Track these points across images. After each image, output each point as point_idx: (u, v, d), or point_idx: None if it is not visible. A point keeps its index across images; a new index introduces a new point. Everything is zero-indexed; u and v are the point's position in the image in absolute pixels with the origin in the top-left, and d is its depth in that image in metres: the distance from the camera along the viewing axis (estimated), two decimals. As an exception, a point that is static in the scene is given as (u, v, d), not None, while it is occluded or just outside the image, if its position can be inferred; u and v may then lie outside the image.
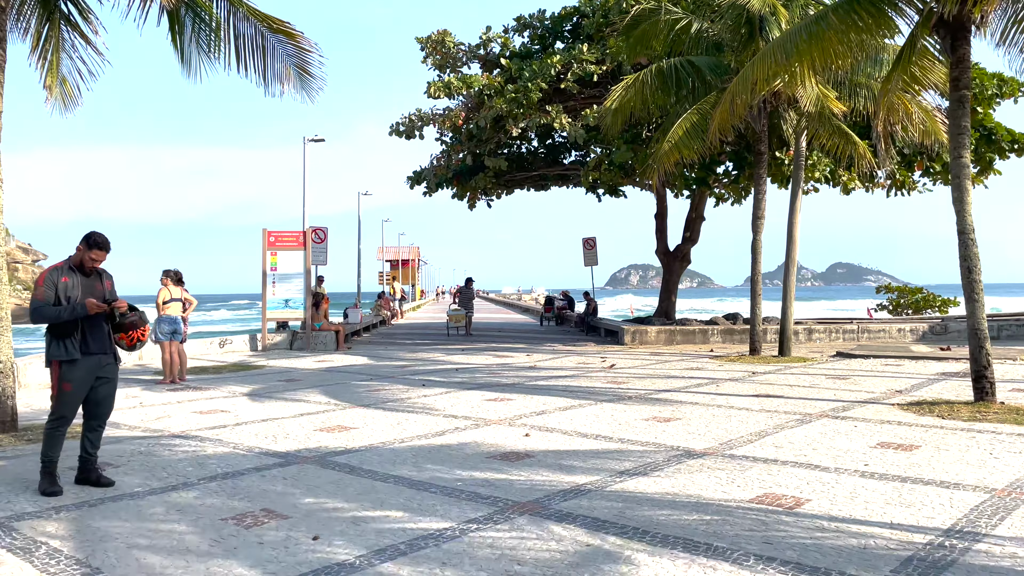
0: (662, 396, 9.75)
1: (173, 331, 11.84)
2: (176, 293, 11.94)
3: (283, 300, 17.58)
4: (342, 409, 9.06)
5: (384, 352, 17.27)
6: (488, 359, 15.30)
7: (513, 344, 19.28)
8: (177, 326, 11.87)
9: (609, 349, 17.38)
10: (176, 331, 11.88)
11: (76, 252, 5.61)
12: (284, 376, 12.73)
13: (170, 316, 11.81)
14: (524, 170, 23.28)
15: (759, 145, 14.65)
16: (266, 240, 17.57)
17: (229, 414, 8.83)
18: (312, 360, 15.41)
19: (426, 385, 11.19)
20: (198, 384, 11.72)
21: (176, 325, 11.86)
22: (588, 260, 27.67)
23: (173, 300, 11.88)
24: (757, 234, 14.70)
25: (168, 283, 11.95)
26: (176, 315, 11.90)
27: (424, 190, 22.80)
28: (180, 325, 11.92)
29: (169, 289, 11.87)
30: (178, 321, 11.89)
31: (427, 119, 19.46)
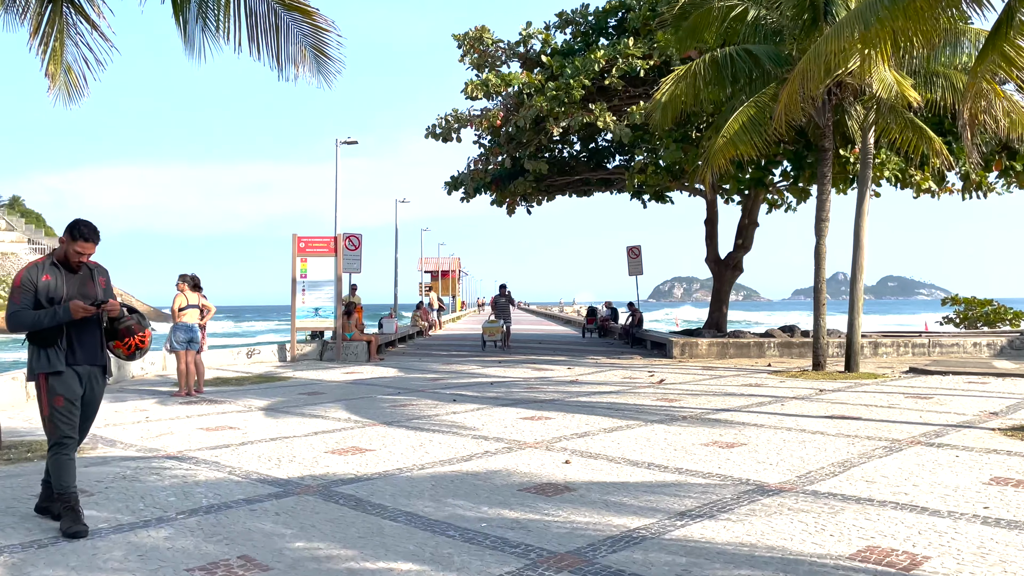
0: (721, 416, 8.62)
1: (189, 340, 11.10)
2: (193, 299, 11.21)
3: (313, 309, 16.85)
4: (361, 427, 8.14)
5: (417, 364, 16.39)
6: (526, 372, 14.29)
7: (553, 356, 18.24)
8: (194, 334, 11.13)
9: (657, 363, 16.22)
10: (193, 340, 11.14)
11: (59, 245, 4.76)
12: (307, 389, 11.90)
13: (186, 324, 11.08)
14: (566, 174, 22.27)
15: (823, 141, 13.42)
16: (296, 246, 16.87)
17: (237, 431, 7.98)
18: (340, 372, 14.59)
19: (457, 400, 10.22)
20: (214, 397, 10.94)
21: (193, 333, 11.13)
22: (633, 269, 26.54)
23: (190, 307, 11.15)
24: (821, 238, 13.45)
25: (184, 288, 11.23)
26: (193, 323, 11.16)
27: (461, 196, 21.94)
28: (197, 333, 11.18)
29: (186, 295, 11.15)
30: (195, 329, 11.15)
31: (464, 120, 18.62)
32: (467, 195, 21.66)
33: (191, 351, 11.16)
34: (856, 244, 13.48)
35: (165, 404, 10.19)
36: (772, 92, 12.70)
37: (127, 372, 13.49)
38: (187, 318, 11.10)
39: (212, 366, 15.60)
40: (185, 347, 11.09)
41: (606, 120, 16.61)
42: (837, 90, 13.14)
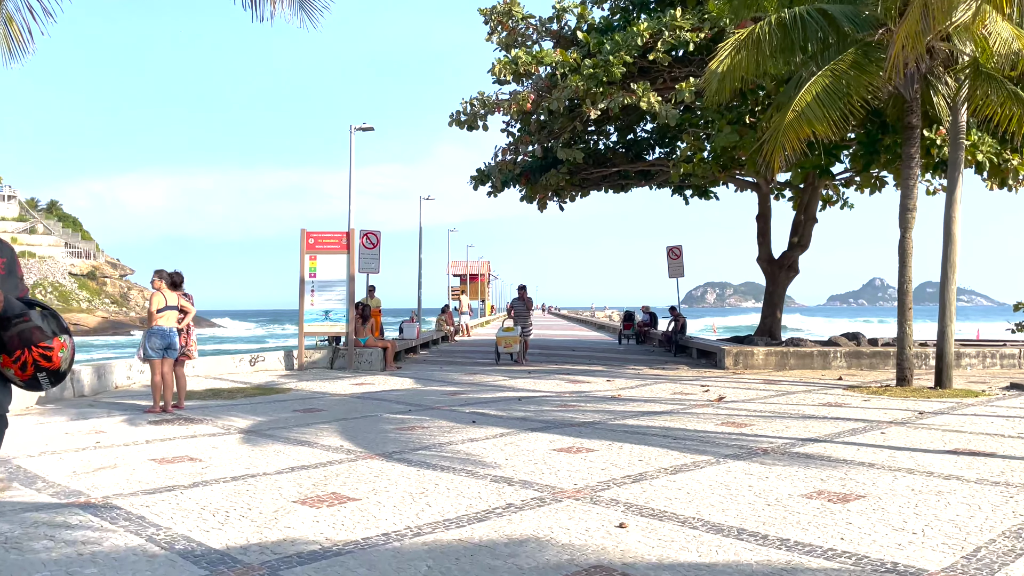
0: (811, 450, 6.74)
1: (167, 346, 9.50)
2: (172, 299, 9.61)
3: (323, 311, 15.22)
4: (352, 460, 6.41)
5: (437, 373, 14.66)
6: (559, 385, 12.48)
7: (589, 366, 16.39)
8: (171, 340, 9.52)
9: (707, 374, 14.30)
10: (171, 346, 9.53)
11: None
12: (305, 404, 10.23)
13: (162, 328, 9.48)
14: (601, 166, 20.45)
15: (909, 117, 11.44)
16: (304, 242, 15.27)
17: (197, 464, 6.31)
18: (349, 383, 12.92)
19: (477, 422, 8.45)
20: (194, 414, 9.31)
21: (170, 339, 9.51)
22: (673, 271, 24.66)
23: (168, 308, 9.55)
24: (907, 231, 11.46)
25: (162, 287, 9.64)
26: (170, 326, 9.55)
27: (489, 190, 20.21)
28: (175, 339, 9.57)
29: (164, 294, 9.55)
30: (172, 334, 9.54)
31: (491, 105, 16.90)
32: (495, 189, 19.92)
33: (168, 360, 9.56)
34: (947, 238, 11.47)
35: (132, 424, 8.58)
36: (851, 59, 10.78)
37: (110, 382, 11.97)
38: (164, 321, 9.49)
39: (210, 374, 14.06)
40: (161, 355, 9.49)
41: (650, 100, 14.77)
42: (927, 57, 11.15)
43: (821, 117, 10.54)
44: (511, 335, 16.71)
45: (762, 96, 14.48)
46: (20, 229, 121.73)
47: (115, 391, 11.83)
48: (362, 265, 18.17)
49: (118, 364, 12.34)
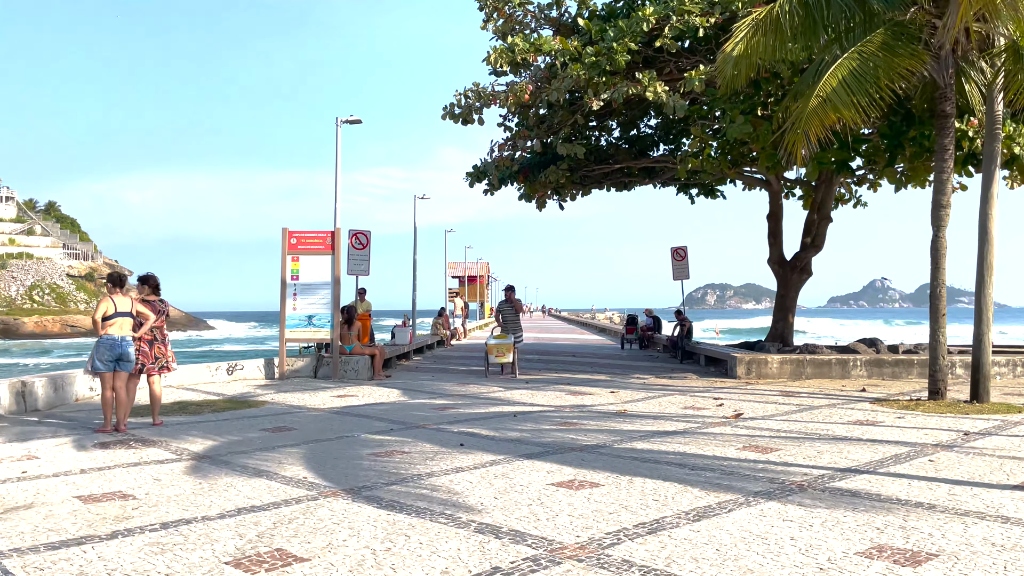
0: (856, 484, 5.73)
1: (117, 358, 8.50)
2: (124, 305, 8.60)
3: (305, 316, 14.21)
4: (312, 499, 5.41)
5: (428, 383, 13.65)
6: (559, 397, 11.47)
7: (591, 375, 15.38)
8: (121, 350, 8.51)
9: (718, 384, 13.29)
10: (123, 358, 8.53)
11: None
12: (278, 421, 9.21)
13: (111, 337, 8.48)
14: (603, 163, 19.45)
15: (943, 105, 10.43)
16: (286, 242, 14.26)
17: (127, 504, 5.31)
18: (331, 394, 11.91)
19: (465, 446, 7.44)
20: (149, 434, 8.30)
21: (121, 350, 8.51)
22: (678, 273, 23.69)
23: (118, 315, 8.54)
24: (940, 229, 10.45)
25: (117, 292, 8.64)
26: (124, 335, 8.55)
27: (485, 187, 19.19)
28: (126, 349, 8.56)
29: (113, 300, 8.55)
30: (124, 344, 8.53)
31: (487, 97, 15.90)
32: (491, 187, 18.91)
33: (121, 373, 8.56)
34: (983, 238, 10.48)
35: (77, 447, 7.58)
36: (881, 39, 9.78)
37: (69, 393, 10.97)
38: (114, 330, 8.49)
39: (183, 384, 13.06)
40: (111, 367, 8.49)
41: (656, 90, 13.75)
42: (964, 38, 10.16)
43: (848, 102, 9.55)
44: (504, 343, 14.45)
45: (778, 85, 13.47)
46: (18, 230, 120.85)
47: (75, 404, 10.83)
48: (351, 267, 17.18)
49: (80, 374, 11.33)
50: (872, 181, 19.42)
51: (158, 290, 9.24)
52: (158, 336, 9.11)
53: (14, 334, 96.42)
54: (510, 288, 15.53)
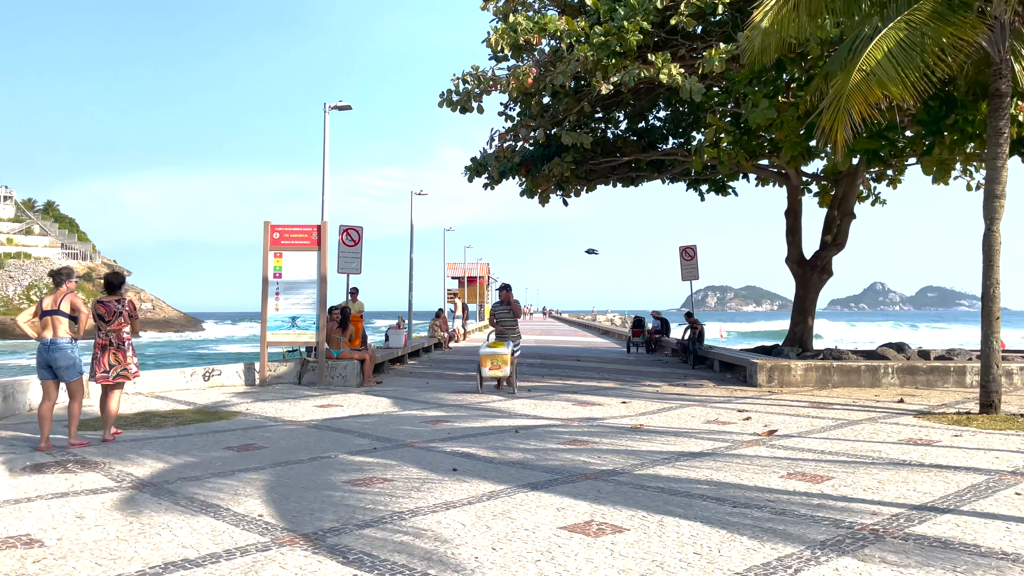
0: (942, 529, 4.60)
1: (46, 364, 7.42)
2: (47, 304, 7.50)
3: (289, 317, 13.09)
4: (263, 548, 4.29)
5: (421, 391, 12.52)
6: (566, 408, 10.35)
7: (599, 382, 14.26)
8: (53, 355, 7.40)
9: (738, 393, 12.18)
10: (53, 364, 7.43)
11: None
12: (247, 437, 8.09)
13: (42, 340, 7.42)
14: (610, 156, 18.35)
15: (997, 83, 9.32)
16: (268, 236, 13.14)
17: (28, 555, 4.19)
18: (314, 404, 10.79)
19: (458, 471, 6.32)
20: (94, 453, 7.18)
21: (52, 354, 7.40)
22: (687, 273, 22.66)
23: (44, 314, 7.45)
24: (994, 223, 9.32)
25: (60, 291, 7.55)
26: (60, 339, 7.44)
27: (485, 181, 18.08)
28: (55, 355, 7.43)
29: (41, 302, 7.50)
30: (56, 349, 7.42)
31: (487, 82, 14.79)
32: (491, 180, 17.80)
33: (52, 382, 7.48)
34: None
35: (6, 469, 6.46)
36: (931, 7, 8.67)
37: (21, 403, 9.85)
38: (49, 332, 7.40)
39: (153, 391, 11.94)
40: (46, 375, 7.41)
41: (671, 72, 12.63)
42: (1020, 8, 9.05)
43: (895, 77, 8.44)
44: (499, 353, 11.76)
45: (803, 68, 12.34)
46: (16, 230, 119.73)
47: (26, 415, 9.71)
48: (342, 265, 16.08)
49: (33, 381, 10.20)
50: (892, 177, 18.33)
51: (112, 288, 8.13)
52: (113, 340, 7.99)
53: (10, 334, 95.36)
54: (506, 287, 12.87)
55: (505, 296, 12.83)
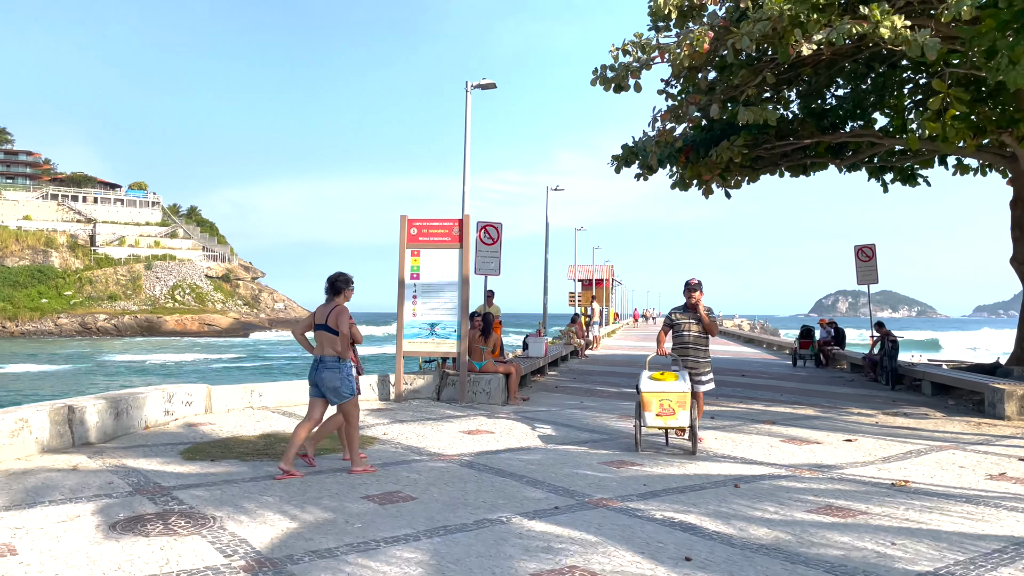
0: None
1: (313, 382, 6.80)
2: (319, 315, 6.76)
3: (428, 324, 11.51)
4: None
5: (578, 413, 10.60)
6: (774, 447, 8.14)
7: (786, 406, 11.89)
8: (320, 375, 6.65)
9: (985, 427, 9.52)
10: (320, 384, 6.71)
11: None
12: (388, 479, 6.41)
13: (313, 357, 6.79)
14: (784, 139, 15.83)
15: None
16: (405, 232, 11.62)
17: None
18: (459, 428, 9.09)
19: (693, 560, 4.32)
20: (203, 503, 5.68)
21: (319, 374, 6.66)
22: (863, 277, 19.80)
23: (318, 328, 6.74)
24: None
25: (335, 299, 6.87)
26: (326, 355, 6.69)
27: (637, 171, 16.00)
28: (326, 374, 6.60)
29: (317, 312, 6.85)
30: (323, 367, 6.62)
31: (651, 51, 12.72)
32: (645, 169, 15.70)
33: (320, 401, 6.85)
34: None
35: (94, 526, 5.04)
36: None
37: (136, 419, 8.67)
38: (319, 348, 6.77)
39: (280, 405, 10.66)
40: (316, 393, 6.82)
41: (894, 25, 10.12)
42: None
43: None
44: (673, 389, 7.63)
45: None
46: (162, 233, 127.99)
47: (142, 434, 8.51)
48: (479, 265, 14.44)
49: (152, 394, 9.04)
50: None
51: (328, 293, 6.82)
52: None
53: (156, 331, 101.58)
54: (694, 287, 8.28)
55: (695, 300, 8.27)
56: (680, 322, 8.39)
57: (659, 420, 7.59)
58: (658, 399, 7.60)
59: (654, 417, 7.60)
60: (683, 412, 7.58)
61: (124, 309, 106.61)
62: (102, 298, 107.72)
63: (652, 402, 7.61)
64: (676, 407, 7.57)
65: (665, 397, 7.59)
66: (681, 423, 7.57)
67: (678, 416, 7.56)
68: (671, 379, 7.78)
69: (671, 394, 7.60)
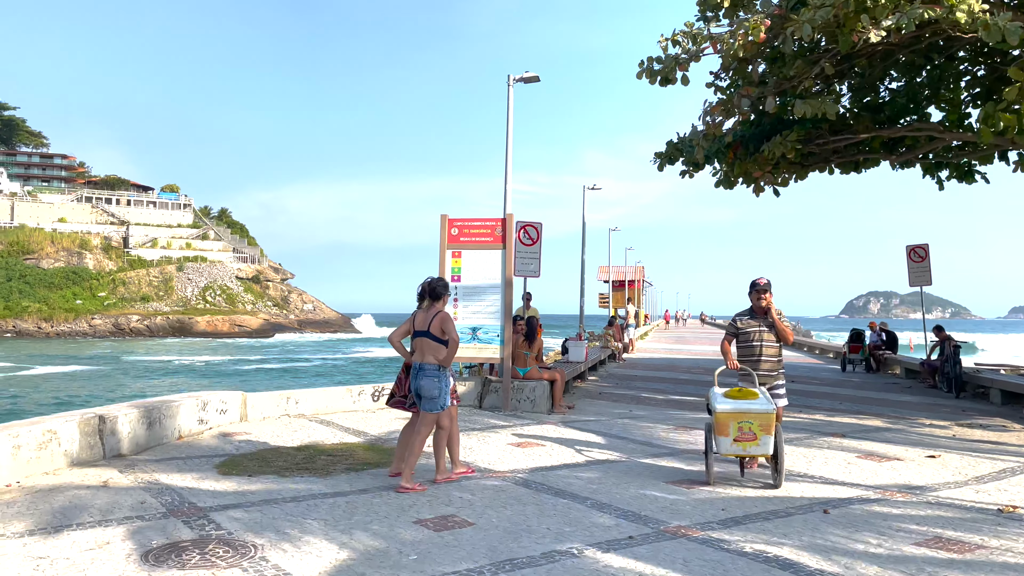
0: None
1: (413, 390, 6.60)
2: (419, 321, 6.60)
3: (469, 328, 11.00)
4: None
5: (629, 424, 10.02)
6: (852, 463, 7.50)
7: (854, 417, 11.20)
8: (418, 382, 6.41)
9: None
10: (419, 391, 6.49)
11: None
12: (439, 500, 5.90)
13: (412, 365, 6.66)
14: (838, 134, 15.10)
15: None
16: (446, 232, 11.12)
17: None
18: (507, 440, 8.56)
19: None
20: (242, 528, 5.21)
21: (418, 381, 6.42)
22: (916, 278, 19.05)
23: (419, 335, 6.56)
24: None
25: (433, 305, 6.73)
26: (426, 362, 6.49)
27: (682, 168, 15.36)
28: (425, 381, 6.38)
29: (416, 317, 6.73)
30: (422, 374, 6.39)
31: (702, 42, 12.10)
32: (691, 166, 15.07)
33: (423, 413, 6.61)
34: None
35: (125, 553, 4.59)
36: None
37: (169, 429, 8.27)
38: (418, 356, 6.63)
39: (317, 413, 10.22)
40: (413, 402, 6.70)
41: (971, 9, 9.42)
42: None
43: None
44: (755, 409, 6.37)
45: None
46: (194, 235, 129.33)
47: (175, 444, 8.10)
48: (518, 267, 13.94)
49: (185, 402, 8.64)
50: None
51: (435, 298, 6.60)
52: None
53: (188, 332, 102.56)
54: (764, 287, 7.13)
55: (766, 303, 7.12)
56: (748, 330, 7.20)
57: (737, 447, 6.36)
58: (736, 421, 6.33)
59: (731, 443, 6.35)
60: (767, 437, 6.31)
61: (156, 310, 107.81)
62: (135, 299, 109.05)
63: (729, 425, 6.34)
64: (758, 431, 6.30)
65: (745, 418, 6.32)
66: (764, 450, 6.33)
67: (760, 442, 6.31)
68: (751, 397, 6.50)
69: (752, 415, 6.31)
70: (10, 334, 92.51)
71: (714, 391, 6.71)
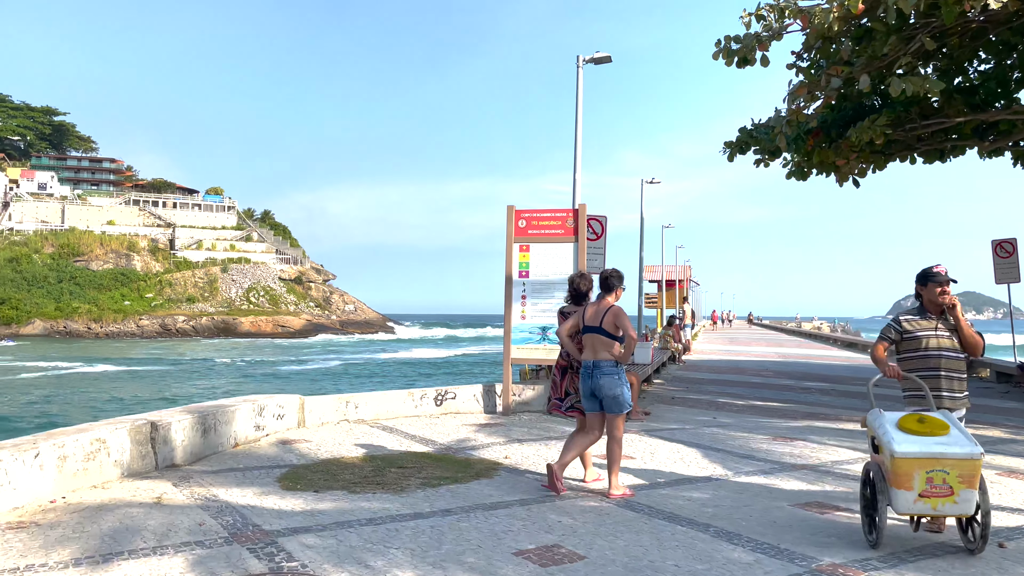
0: None
1: (591, 392, 6.11)
2: (589, 315, 6.17)
3: (538, 327, 10.21)
4: None
5: (718, 432, 9.12)
6: (991, 482, 6.54)
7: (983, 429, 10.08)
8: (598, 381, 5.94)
9: None
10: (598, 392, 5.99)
11: None
12: (536, 525, 5.11)
13: (585, 364, 6.22)
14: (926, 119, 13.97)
15: None
16: (513, 224, 10.35)
17: None
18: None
19: None
20: (326, 553, 4.48)
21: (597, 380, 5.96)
22: (1003, 275, 17.79)
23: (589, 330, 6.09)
24: None
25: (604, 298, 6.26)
26: (600, 359, 6.02)
27: (756, 156, 14.40)
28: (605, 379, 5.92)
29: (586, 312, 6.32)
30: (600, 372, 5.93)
31: (792, 15, 11.10)
32: (767, 154, 14.11)
33: (599, 416, 6.26)
34: None
35: None
36: None
37: (225, 436, 7.62)
38: (590, 353, 6.19)
39: (378, 418, 9.52)
40: (596, 407, 6.19)
41: (1112, -34, 8.33)
42: None
43: None
44: (955, 454, 4.43)
45: None
46: (238, 237, 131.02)
47: (232, 452, 7.46)
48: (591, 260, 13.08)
49: (241, 407, 7.99)
50: None
51: (578, 298, 6.44)
52: (574, 363, 6.29)
53: (233, 332, 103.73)
54: (944, 279, 5.18)
55: (949, 299, 5.18)
56: (920, 334, 5.19)
57: (925, 504, 4.42)
58: (925, 470, 4.40)
59: (915, 499, 4.42)
60: (968, 492, 4.38)
61: (202, 311, 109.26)
62: (181, 300, 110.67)
63: (915, 475, 4.41)
64: (956, 483, 4.38)
65: (937, 465, 4.39)
66: (964, 510, 4.41)
67: (959, 498, 4.39)
68: (939, 431, 4.55)
69: (949, 461, 4.38)
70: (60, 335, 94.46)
71: (885, 419, 4.74)
